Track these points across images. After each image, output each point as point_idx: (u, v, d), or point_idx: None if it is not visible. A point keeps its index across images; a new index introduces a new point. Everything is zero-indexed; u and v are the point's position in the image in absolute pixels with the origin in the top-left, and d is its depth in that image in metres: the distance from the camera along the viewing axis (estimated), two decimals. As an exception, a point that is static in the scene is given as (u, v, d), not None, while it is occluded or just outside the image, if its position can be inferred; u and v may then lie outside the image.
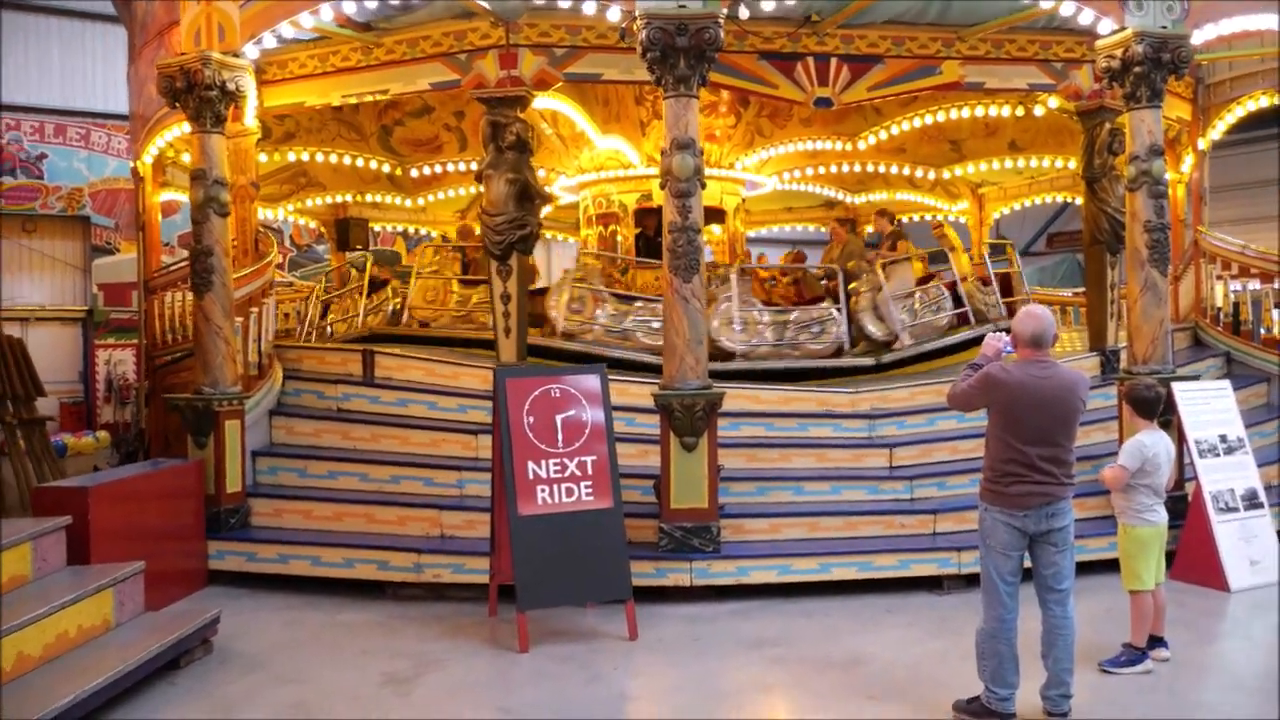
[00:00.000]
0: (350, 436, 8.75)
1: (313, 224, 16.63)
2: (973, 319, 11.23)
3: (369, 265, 13.26)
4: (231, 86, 8.05)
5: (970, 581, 7.04)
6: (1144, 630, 5.82)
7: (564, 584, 6.44)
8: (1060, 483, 4.90)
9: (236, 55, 8.08)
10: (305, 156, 12.13)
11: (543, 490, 6.47)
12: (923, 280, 11.52)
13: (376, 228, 16.94)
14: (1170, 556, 7.40)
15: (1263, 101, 11.41)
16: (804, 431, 8.81)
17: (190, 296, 8.43)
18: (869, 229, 16.40)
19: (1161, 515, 5.86)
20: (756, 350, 10.37)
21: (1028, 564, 5.02)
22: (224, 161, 8.26)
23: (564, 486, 6.53)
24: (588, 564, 6.48)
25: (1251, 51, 10.69)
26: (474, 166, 9.55)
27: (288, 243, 21.96)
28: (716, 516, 7.39)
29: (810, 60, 9.26)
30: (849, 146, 12.73)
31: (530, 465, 6.47)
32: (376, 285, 13.20)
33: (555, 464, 6.53)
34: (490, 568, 6.97)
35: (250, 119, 9.38)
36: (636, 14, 7.17)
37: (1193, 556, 7.61)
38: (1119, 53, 7.96)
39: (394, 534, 7.78)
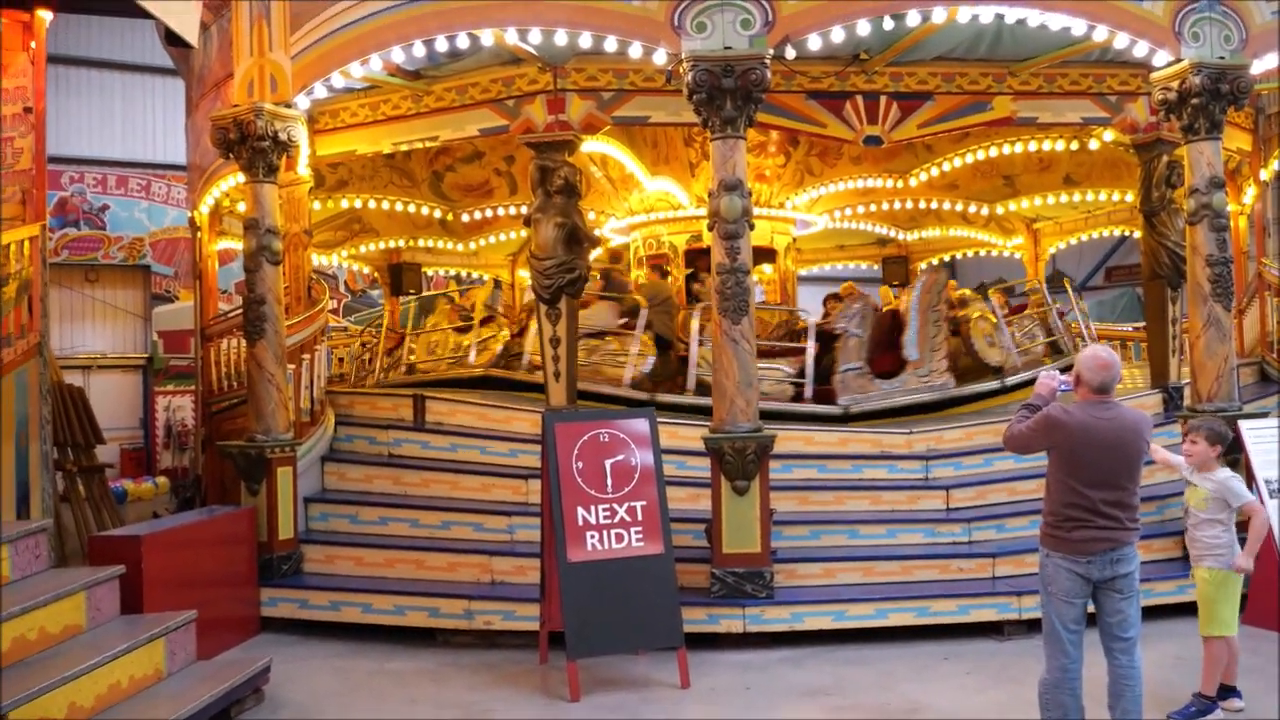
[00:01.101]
0: (401, 482, 8.76)
1: (366, 269, 16.83)
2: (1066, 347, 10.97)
3: (479, 299, 12.37)
4: (284, 137, 8.17)
5: (1032, 627, 6.81)
6: (1216, 679, 5.58)
7: (615, 631, 6.35)
8: (1125, 527, 4.70)
9: (289, 106, 8.20)
10: (358, 203, 12.31)
11: (592, 536, 6.40)
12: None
13: (429, 272, 17.10)
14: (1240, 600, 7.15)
15: (1326, 131, 11.16)
16: (858, 473, 8.67)
17: (244, 343, 8.52)
18: (923, 265, 16.29)
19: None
20: None
21: (1091, 609, 4.83)
22: (276, 210, 8.38)
23: (614, 532, 6.46)
24: (639, 611, 6.39)
25: (1313, 80, 10.45)
26: (525, 210, 9.60)
27: (342, 288, 22.28)
28: (769, 561, 7.27)
29: (859, 98, 9.21)
30: (900, 184, 12.65)
31: (580, 511, 6.41)
32: (485, 322, 12.35)
33: (605, 509, 6.47)
34: (540, 614, 6.90)
35: (303, 168, 9.52)
36: (682, 56, 7.19)
37: (1264, 600, 7.30)
38: (1175, 84, 7.82)
39: (444, 580, 7.75)
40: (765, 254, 12.62)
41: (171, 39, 8.80)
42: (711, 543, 7.32)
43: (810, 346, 10.18)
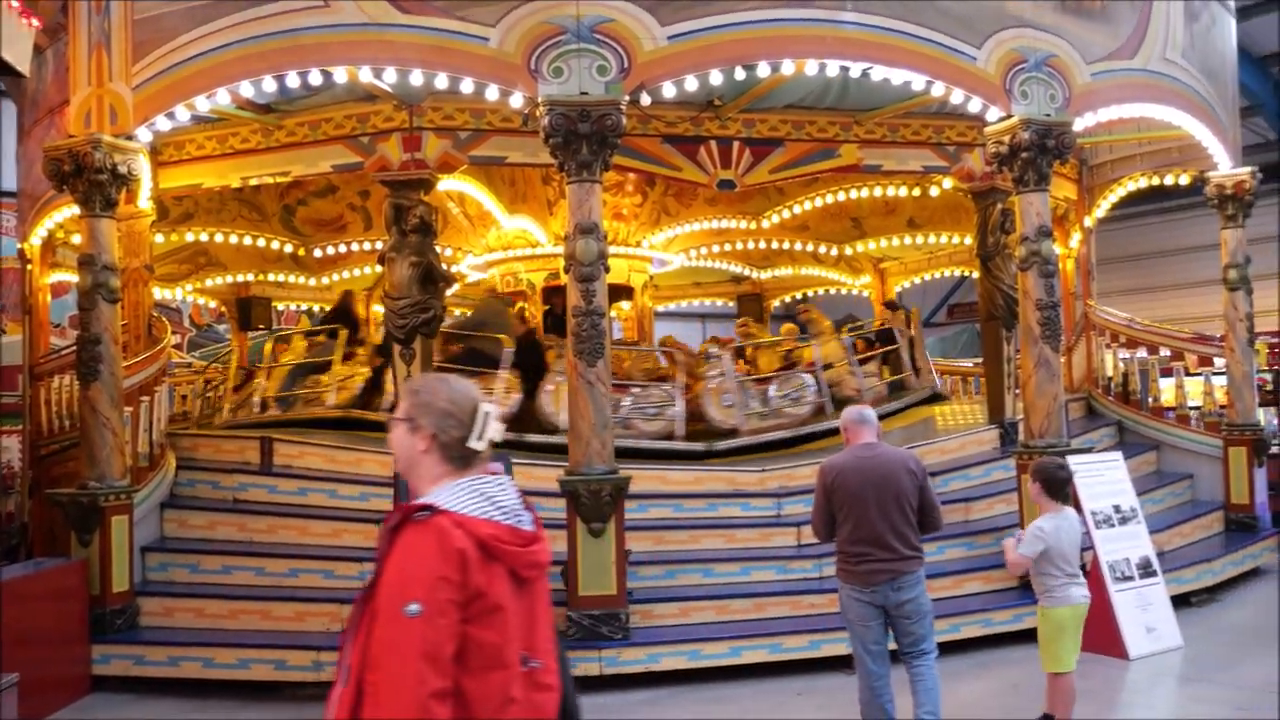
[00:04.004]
0: (247, 528, 8.45)
1: (213, 303, 16.24)
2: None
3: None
4: (123, 170, 7.83)
5: (880, 661, 7.03)
6: (1067, 706, 5.71)
7: (469, 680, 6.23)
8: (904, 557, 5.22)
9: (129, 138, 7.87)
10: (204, 237, 11.89)
11: (446, 583, 6.28)
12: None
13: (280, 306, 16.61)
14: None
15: (1141, 182, 11.98)
16: (712, 512, 8.78)
17: (78, 384, 8.10)
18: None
19: (1076, 592, 5.72)
20: None
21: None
22: (114, 246, 8.01)
23: (468, 578, 6.36)
24: (493, 658, 6.29)
25: (1129, 136, 11.23)
26: (379, 246, 9.45)
27: (187, 322, 21.42)
28: (625, 603, 7.29)
29: (713, 143, 9.46)
30: (754, 225, 12.99)
31: (433, 557, 6.29)
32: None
33: (459, 555, 6.36)
34: (393, 664, 6.73)
35: (145, 201, 9.15)
36: (539, 100, 7.22)
37: (1093, 626, 7.64)
38: (1007, 139, 8.26)
39: (292, 631, 7.50)
40: (623, 291, 12.73)
41: (1, 67, 8.36)
42: (567, 585, 7.29)
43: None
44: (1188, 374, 11.51)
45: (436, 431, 2.40)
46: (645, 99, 7.68)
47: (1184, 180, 11.70)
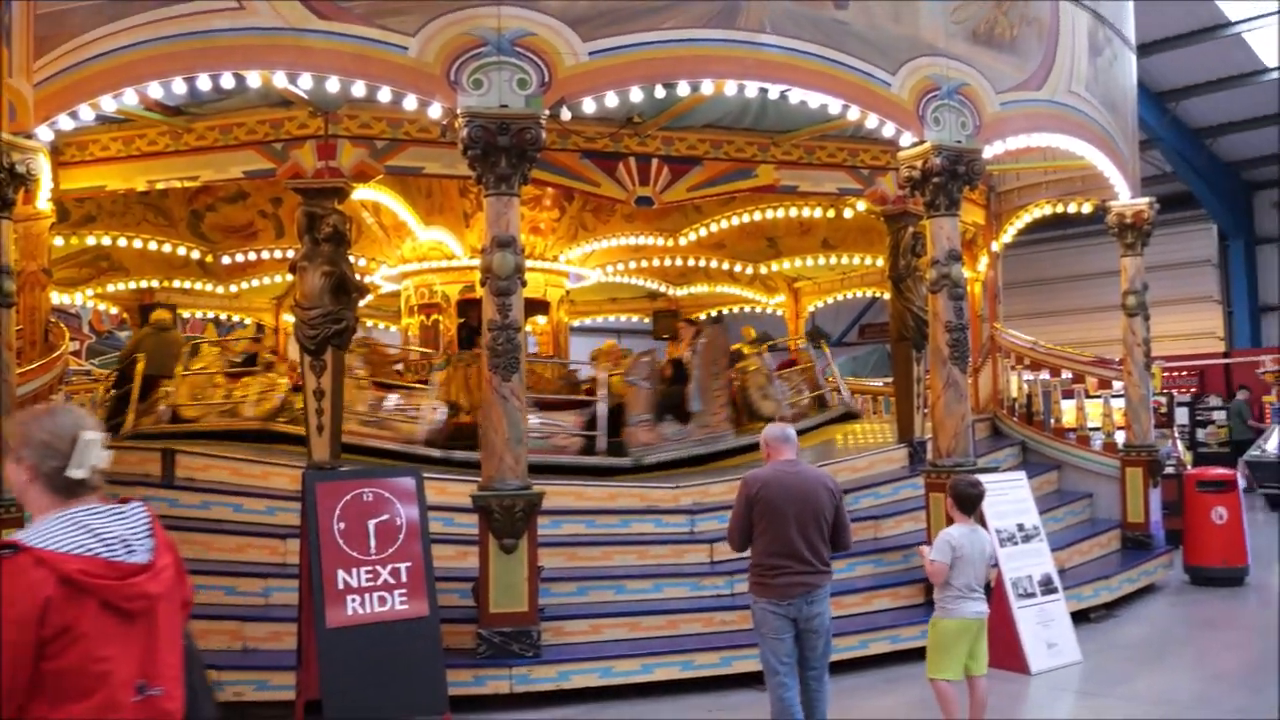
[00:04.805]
0: (146, 542, 8.15)
1: (115, 309, 15.72)
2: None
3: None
4: (22, 169, 7.49)
5: (789, 678, 7.07)
6: (949, 715, 5.88)
7: (376, 699, 6.11)
8: (818, 571, 5.38)
9: (29, 136, 7.57)
10: (107, 240, 11.50)
11: (353, 600, 6.16)
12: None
13: (186, 314, 16.15)
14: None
15: (1046, 209, 12.35)
16: (626, 528, 8.77)
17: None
18: (702, 316, 16.75)
19: (969, 608, 5.89)
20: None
21: None
22: (10, 248, 7.65)
23: (376, 595, 6.24)
24: (401, 676, 6.20)
25: (1035, 164, 11.57)
26: (290, 254, 9.27)
27: (86, 329, 20.69)
28: (537, 620, 7.22)
29: (632, 160, 9.50)
30: (671, 242, 13.06)
31: (340, 574, 6.17)
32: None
33: (367, 571, 6.25)
34: (296, 683, 6.57)
35: (44, 202, 8.83)
36: (458, 112, 7.15)
37: (996, 641, 7.84)
38: (919, 164, 8.43)
39: (192, 648, 7.25)
40: (539, 305, 12.68)
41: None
42: (478, 602, 7.20)
43: (602, 399, 10.38)
44: (1088, 396, 11.87)
45: (37, 463, 2.43)
46: (565, 114, 7.68)
47: (1086, 209, 12.11)
